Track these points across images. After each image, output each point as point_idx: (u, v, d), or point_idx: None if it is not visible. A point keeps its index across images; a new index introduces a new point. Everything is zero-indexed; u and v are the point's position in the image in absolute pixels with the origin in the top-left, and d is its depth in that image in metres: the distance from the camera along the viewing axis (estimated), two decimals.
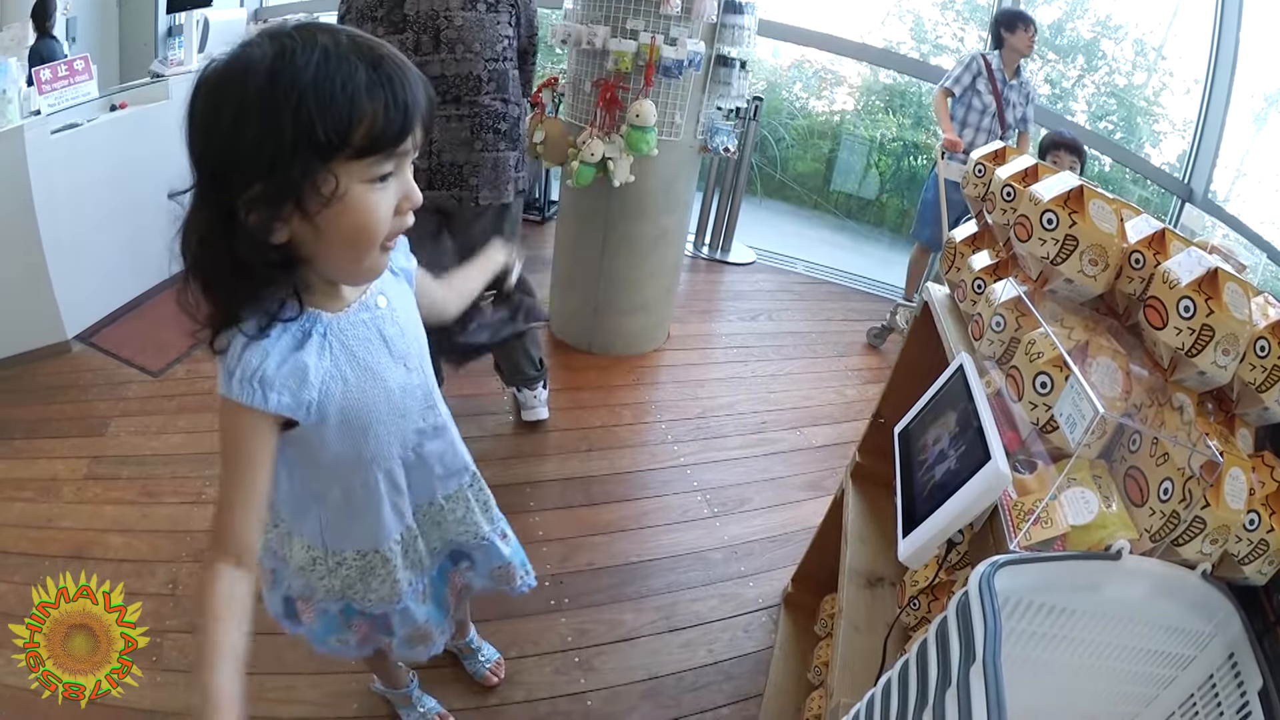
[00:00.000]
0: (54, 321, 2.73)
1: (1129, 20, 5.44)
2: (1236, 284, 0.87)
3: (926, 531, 0.87)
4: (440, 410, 1.06)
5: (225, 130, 0.70)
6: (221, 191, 0.72)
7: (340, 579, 1.10)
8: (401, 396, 0.96)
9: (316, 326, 0.84)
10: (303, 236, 0.76)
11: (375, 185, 0.76)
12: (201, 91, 0.72)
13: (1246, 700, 0.77)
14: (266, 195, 0.71)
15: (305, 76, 0.69)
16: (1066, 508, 0.82)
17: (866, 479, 1.66)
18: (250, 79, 0.69)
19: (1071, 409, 0.83)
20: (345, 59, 0.71)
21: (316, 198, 0.72)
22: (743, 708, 1.74)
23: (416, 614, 1.20)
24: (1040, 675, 0.84)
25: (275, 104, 0.68)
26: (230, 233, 0.73)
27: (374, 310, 0.91)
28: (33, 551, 1.90)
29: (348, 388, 0.88)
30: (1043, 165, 1.21)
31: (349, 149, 0.72)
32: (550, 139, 2.81)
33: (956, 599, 0.70)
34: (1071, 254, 1.01)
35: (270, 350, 0.80)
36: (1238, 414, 0.94)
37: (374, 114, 0.72)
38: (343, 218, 0.75)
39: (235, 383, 0.79)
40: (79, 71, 2.72)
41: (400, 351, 0.95)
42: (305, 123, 0.69)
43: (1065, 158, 2.96)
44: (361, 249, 0.79)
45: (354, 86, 0.70)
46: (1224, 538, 0.80)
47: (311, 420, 0.86)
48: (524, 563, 1.35)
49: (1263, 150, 4.29)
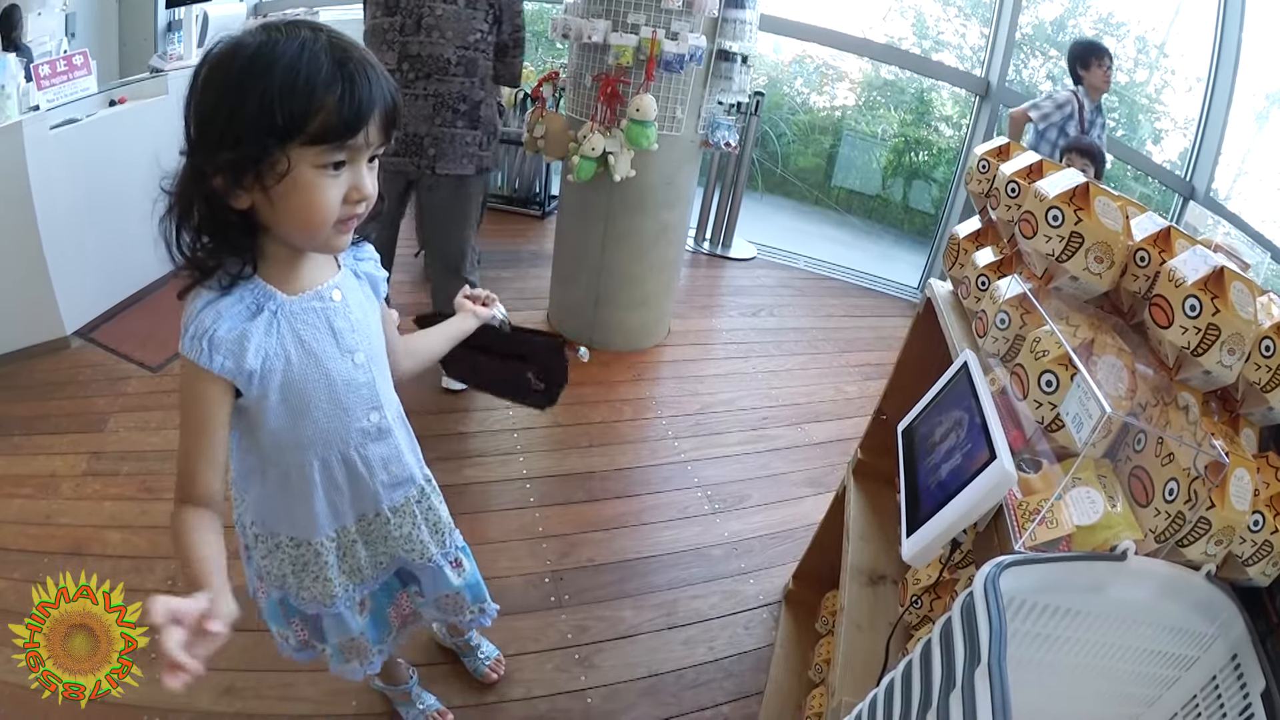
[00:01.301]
0: (53, 317, 2.72)
1: (1131, 17, 5.42)
2: (1242, 283, 0.86)
3: (931, 531, 0.87)
4: (386, 414, 1.08)
5: (208, 102, 0.80)
6: (197, 154, 0.82)
7: (277, 563, 1.12)
8: (344, 389, 0.99)
9: (269, 303, 0.90)
10: (260, 206, 0.84)
11: (326, 172, 0.83)
12: (204, 66, 0.81)
13: (1249, 702, 0.77)
14: (229, 163, 0.79)
15: (278, 65, 0.77)
16: (1072, 508, 0.81)
17: (868, 476, 1.66)
18: (236, 60, 0.78)
19: (1078, 408, 0.83)
20: (315, 55, 0.79)
21: (271, 173, 0.80)
22: (743, 705, 1.74)
23: (350, 624, 1.20)
24: (1042, 676, 0.84)
25: (246, 85, 0.77)
26: (200, 191, 0.83)
27: (327, 301, 0.96)
28: (32, 548, 1.90)
29: (289, 367, 0.92)
30: (1047, 161, 1.20)
31: (303, 135, 0.79)
32: (551, 133, 2.80)
33: (961, 600, 0.69)
34: (1077, 251, 1.01)
35: (223, 314, 0.87)
36: (1242, 414, 0.93)
37: (330, 107, 0.79)
38: (292, 195, 0.82)
39: (188, 339, 0.86)
40: (78, 67, 2.71)
41: (348, 345, 0.99)
42: (267, 106, 0.77)
43: (1078, 160, 2.95)
44: (311, 227, 0.85)
45: (316, 80, 0.78)
46: (1229, 539, 0.80)
47: (253, 393, 0.91)
48: (479, 598, 1.34)
49: (1264, 148, 4.28)
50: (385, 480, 1.11)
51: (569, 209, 3.11)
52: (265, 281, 0.90)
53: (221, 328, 0.86)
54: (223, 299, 0.87)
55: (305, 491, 1.03)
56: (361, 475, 1.07)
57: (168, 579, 1.84)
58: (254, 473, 1.04)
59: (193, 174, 0.83)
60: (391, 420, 1.09)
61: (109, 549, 1.92)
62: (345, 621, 1.19)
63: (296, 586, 1.14)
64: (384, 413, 1.07)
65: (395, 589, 1.29)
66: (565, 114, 2.89)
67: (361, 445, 1.05)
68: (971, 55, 5.61)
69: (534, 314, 3.36)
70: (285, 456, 1.00)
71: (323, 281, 0.96)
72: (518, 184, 4.55)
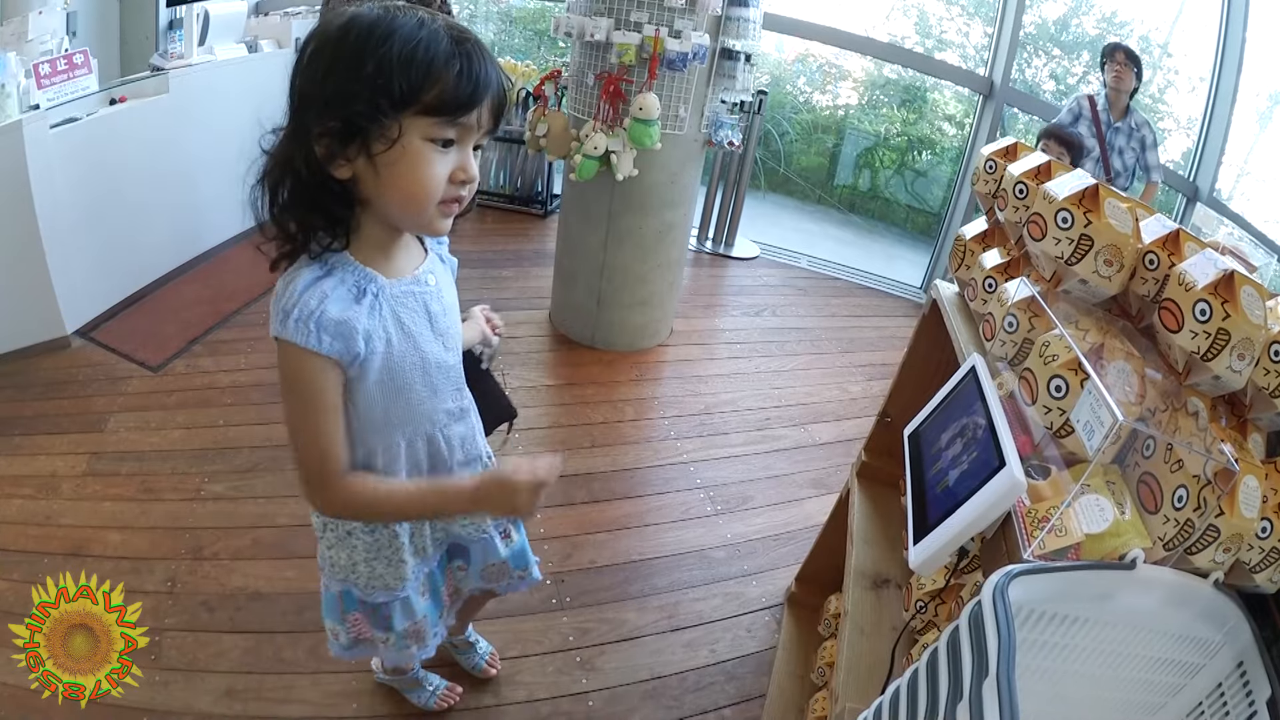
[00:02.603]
0: (53, 317, 2.71)
1: (1134, 17, 5.41)
2: (1252, 287, 0.85)
3: (938, 539, 0.86)
4: (466, 394, 1.11)
5: (319, 69, 0.81)
6: (302, 118, 0.82)
7: (347, 551, 1.11)
8: (437, 372, 1.01)
9: (371, 287, 0.91)
10: (363, 176, 0.84)
11: (435, 146, 0.83)
12: (316, 36, 0.83)
13: (1255, 710, 0.76)
14: (337, 129, 0.80)
15: (397, 35, 0.79)
16: (1081, 515, 0.80)
17: (872, 478, 1.65)
18: (353, 29, 0.80)
19: (1089, 415, 0.82)
20: (435, 31, 0.80)
21: (381, 139, 0.80)
22: (745, 708, 1.73)
23: (416, 606, 1.20)
24: (1048, 683, 0.83)
25: (364, 52, 0.78)
26: (302, 159, 0.82)
27: (424, 285, 0.98)
28: (32, 549, 1.89)
29: (390, 350, 0.93)
30: (1055, 163, 1.19)
31: (418, 105, 0.80)
32: (553, 132, 2.79)
33: (969, 609, 0.68)
34: (1087, 254, 1.00)
35: (329, 295, 0.86)
36: (1250, 419, 0.92)
37: (446, 80, 0.80)
38: (401, 164, 0.82)
39: (291, 323, 0.85)
40: (78, 65, 2.70)
41: (441, 329, 1.00)
42: (385, 71, 0.78)
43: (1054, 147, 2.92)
44: (416, 200, 0.85)
45: (435, 52, 0.80)
46: (1237, 546, 0.79)
47: (352, 374, 0.92)
48: (523, 563, 1.34)
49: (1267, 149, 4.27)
50: (460, 459, 1.12)
51: (571, 208, 3.10)
52: (363, 264, 0.91)
53: (329, 309, 0.86)
54: (325, 280, 0.87)
55: (390, 471, 1.03)
56: (442, 454, 1.08)
57: (168, 579, 1.84)
58: None
59: (295, 141, 0.83)
60: (469, 401, 1.12)
61: (109, 549, 1.91)
62: (412, 605, 1.19)
63: (367, 575, 1.13)
64: (465, 393, 1.10)
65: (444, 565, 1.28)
66: (568, 113, 2.88)
67: (446, 425, 1.07)
68: (975, 54, 5.60)
69: (536, 313, 3.35)
70: (372, 437, 1.01)
71: (417, 266, 0.98)
72: (520, 183, 4.54)
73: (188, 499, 2.11)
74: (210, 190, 3.38)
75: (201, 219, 3.43)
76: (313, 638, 1.73)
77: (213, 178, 3.35)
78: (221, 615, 1.77)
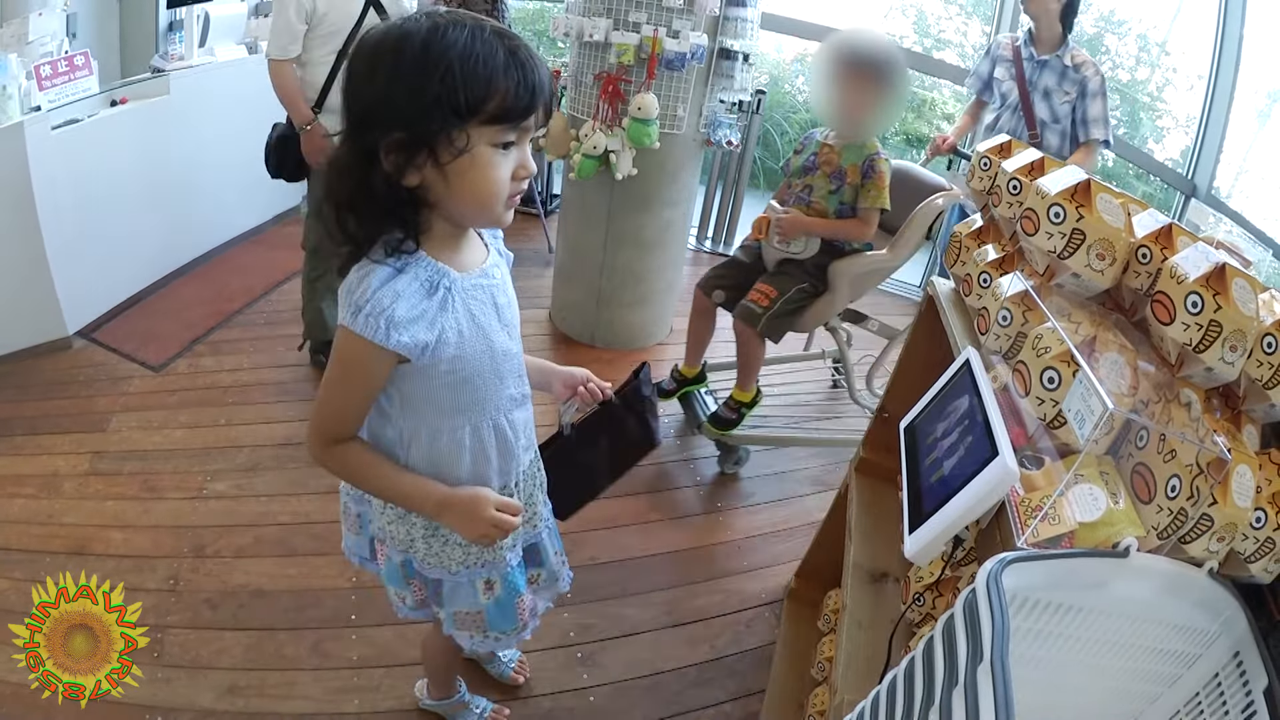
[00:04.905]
0: (55, 317, 2.73)
1: (1132, 15, 5.41)
2: (1244, 280, 0.86)
3: (933, 528, 0.87)
4: (526, 381, 1.14)
5: (380, 84, 0.83)
6: (367, 135, 0.85)
7: (405, 528, 1.12)
8: (503, 360, 1.04)
9: (444, 280, 0.94)
10: (432, 183, 0.88)
11: (499, 150, 0.88)
12: (364, 51, 0.86)
13: (1252, 700, 0.77)
14: (405, 142, 0.84)
15: (454, 50, 0.82)
16: (1074, 504, 0.81)
17: (871, 474, 1.66)
18: (407, 45, 0.82)
19: (1080, 405, 0.83)
20: (489, 42, 0.84)
21: (449, 149, 0.85)
22: (745, 703, 1.74)
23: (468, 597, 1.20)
24: (1045, 673, 0.84)
25: (426, 68, 0.81)
26: (368, 170, 0.86)
27: (491, 279, 1.02)
28: (34, 548, 1.90)
29: (462, 341, 0.97)
30: (1049, 159, 1.20)
31: (482, 115, 0.84)
32: (552, 132, 2.80)
33: (964, 596, 0.69)
34: (1079, 248, 1.00)
35: (402, 294, 0.90)
36: (1244, 410, 0.93)
37: (507, 89, 0.84)
38: (470, 172, 0.87)
39: (362, 317, 0.88)
40: (79, 67, 2.71)
41: (507, 320, 1.05)
42: (450, 87, 0.81)
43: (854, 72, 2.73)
44: (485, 203, 0.91)
45: (494, 64, 0.83)
46: (1231, 535, 0.80)
47: (423, 361, 0.95)
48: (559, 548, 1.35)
49: (1266, 147, 4.27)
50: (524, 444, 1.15)
51: (571, 208, 3.11)
52: (435, 260, 0.94)
53: (401, 308, 0.89)
54: (398, 279, 0.90)
55: (454, 455, 1.06)
56: (508, 439, 1.10)
57: (170, 578, 1.85)
58: (393, 440, 1.06)
59: (361, 156, 0.86)
60: (528, 388, 1.15)
61: (111, 548, 1.92)
62: (464, 593, 1.19)
63: (424, 551, 1.14)
64: (525, 379, 1.13)
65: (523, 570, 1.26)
66: (567, 112, 2.89)
67: (509, 411, 1.10)
68: (973, 53, 5.61)
69: (536, 312, 3.36)
70: (438, 421, 1.04)
71: (483, 259, 1.03)
72: None
73: (190, 498, 2.12)
74: (211, 191, 3.39)
75: (202, 219, 3.44)
76: (314, 635, 1.74)
77: (213, 178, 3.36)
78: (224, 613, 1.78)
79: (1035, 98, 2.60)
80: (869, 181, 2.20)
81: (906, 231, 2.30)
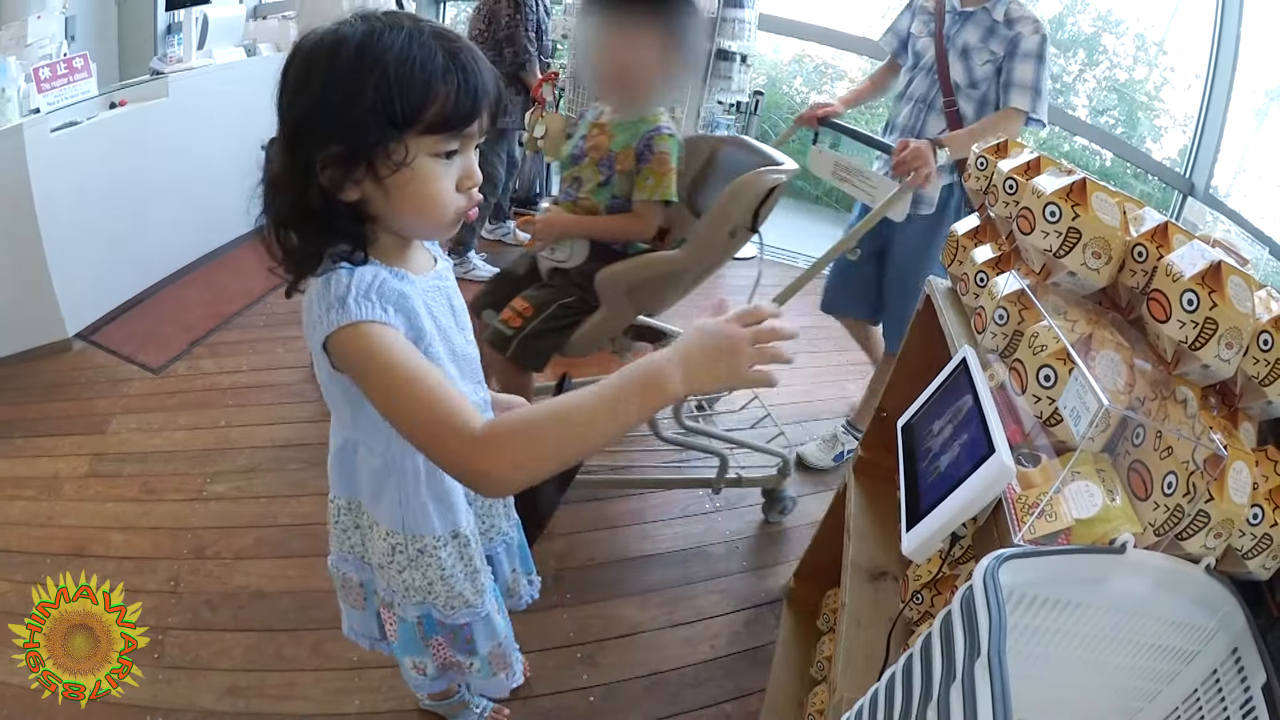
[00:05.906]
0: (54, 319, 2.73)
1: (1130, 15, 5.43)
2: (1240, 277, 0.86)
3: (930, 525, 0.87)
4: (484, 387, 1.09)
5: (314, 93, 0.78)
6: (302, 148, 0.79)
7: (421, 571, 1.05)
8: (463, 363, 1.01)
9: (405, 282, 0.89)
10: (372, 197, 0.83)
11: (440, 160, 0.83)
12: (297, 57, 0.80)
13: (1250, 696, 0.77)
14: (342, 155, 0.79)
15: (390, 55, 0.76)
16: (1070, 501, 0.82)
17: (869, 473, 1.66)
18: (341, 50, 0.77)
19: (1076, 402, 0.83)
20: (426, 44, 0.78)
21: (387, 163, 0.79)
22: (745, 703, 1.74)
23: (497, 625, 1.17)
24: (1042, 669, 0.84)
25: (361, 75, 0.76)
26: (306, 185, 0.80)
27: (445, 280, 0.99)
28: (34, 550, 1.90)
29: (429, 342, 0.91)
30: (1045, 157, 1.20)
31: (421, 124, 0.79)
32: (551, 133, 2.80)
33: (961, 593, 0.70)
34: (1075, 247, 1.01)
35: (378, 274, 0.84)
36: (1241, 408, 0.93)
37: (446, 96, 0.79)
38: (410, 185, 0.82)
39: (352, 302, 0.80)
40: (78, 69, 2.71)
41: (462, 322, 1.02)
42: (385, 95, 0.76)
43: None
44: (428, 217, 0.86)
45: (431, 69, 0.78)
46: (1228, 532, 0.80)
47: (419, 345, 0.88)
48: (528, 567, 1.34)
49: (1264, 146, 4.28)
50: None
51: None
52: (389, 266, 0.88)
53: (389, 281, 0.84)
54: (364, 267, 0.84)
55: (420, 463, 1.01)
56: None
57: (170, 579, 1.85)
58: (391, 471, 1.00)
59: (296, 170, 0.80)
60: (486, 393, 1.10)
61: (111, 550, 1.92)
62: (493, 624, 1.16)
63: (445, 594, 1.08)
64: (484, 386, 1.09)
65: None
66: (565, 114, 2.89)
67: None
68: None
69: None
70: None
71: (432, 263, 0.99)
72: (518, 183, 4.55)
73: (190, 499, 2.12)
74: (210, 193, 3.39)
75: (202, 221, 3.44)
76: (314, 635, 1.74)
77: (213, 180, 3.36)
78: (224, 614, 1.78)
79: (952, 56, 2.10)
80: (645, 166, 1.76)
81: (708, 220, 1.83)
